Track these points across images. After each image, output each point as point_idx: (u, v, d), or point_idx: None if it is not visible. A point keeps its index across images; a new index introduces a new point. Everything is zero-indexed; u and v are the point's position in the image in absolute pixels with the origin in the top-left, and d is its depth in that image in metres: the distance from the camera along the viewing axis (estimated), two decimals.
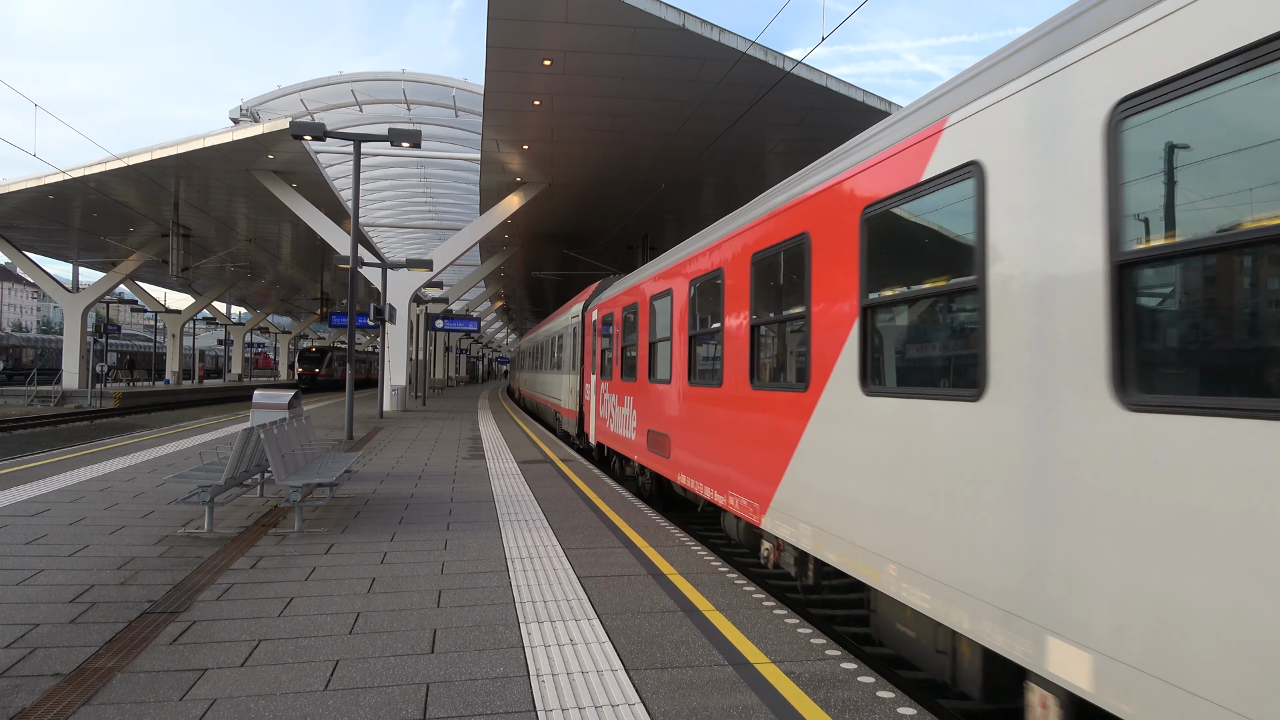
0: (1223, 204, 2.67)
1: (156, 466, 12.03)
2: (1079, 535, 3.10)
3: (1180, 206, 2.81)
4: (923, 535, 4.17)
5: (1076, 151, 3.26)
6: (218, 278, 53.89)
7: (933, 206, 4.30)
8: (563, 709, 3.79)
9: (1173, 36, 2.79)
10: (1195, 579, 2.61)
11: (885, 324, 4.80)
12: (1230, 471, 2.52)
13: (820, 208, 5.51)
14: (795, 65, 17.22)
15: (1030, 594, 3.35)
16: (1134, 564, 2.85)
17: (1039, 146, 3.49)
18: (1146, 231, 2.94)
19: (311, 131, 15.95)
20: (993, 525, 3.64)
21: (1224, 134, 2.64)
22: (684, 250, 9.25)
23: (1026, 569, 3.40)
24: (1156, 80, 2.84)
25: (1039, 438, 3.38)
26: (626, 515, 8.95)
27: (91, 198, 32.13)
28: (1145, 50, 2.91)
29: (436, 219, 46.92)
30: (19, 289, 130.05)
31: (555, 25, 15.89)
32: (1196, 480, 2.62)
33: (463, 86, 28.14)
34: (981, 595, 3.68)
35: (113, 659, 4.29)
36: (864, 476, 4.79)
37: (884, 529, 4.55)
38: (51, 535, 7.24)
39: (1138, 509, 2.84)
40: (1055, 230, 3.37)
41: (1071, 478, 3.17)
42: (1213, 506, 2.57)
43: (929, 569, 4.10)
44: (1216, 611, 2.54)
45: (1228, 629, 2.50)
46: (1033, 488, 3.40)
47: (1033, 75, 3.57)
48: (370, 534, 7.68)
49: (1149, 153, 2.91)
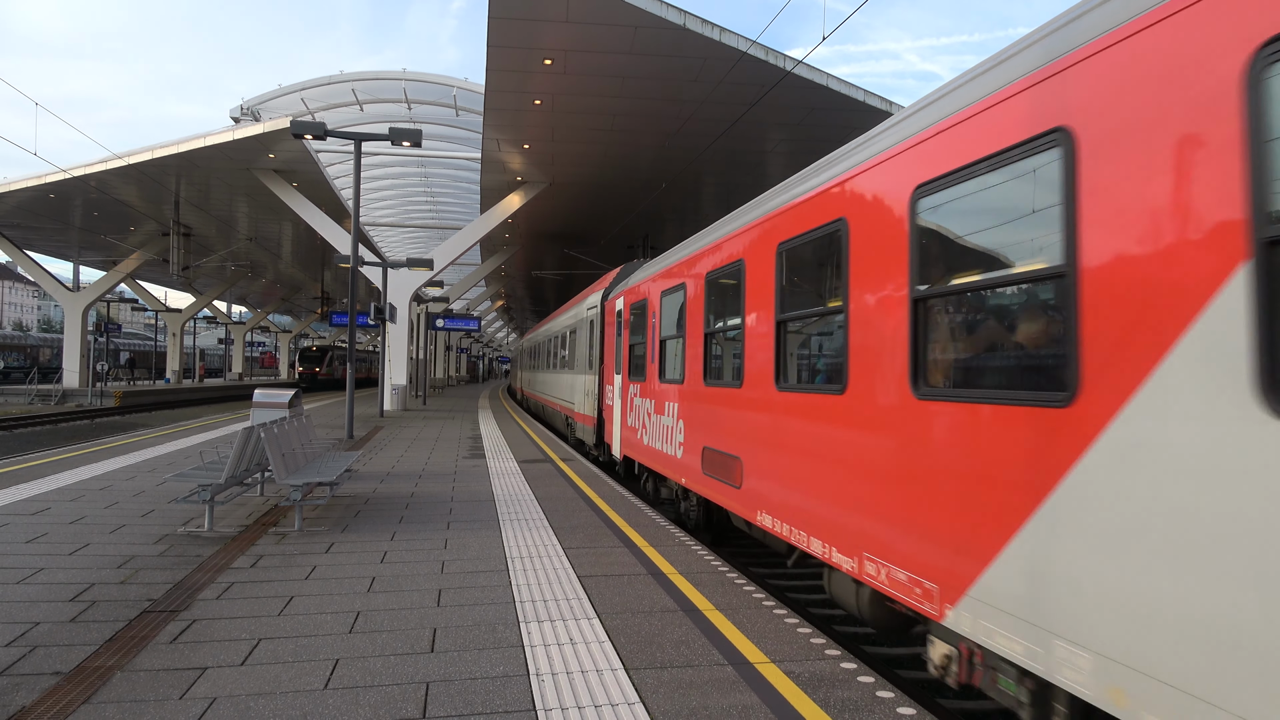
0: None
1: (157, 465, 12.03)
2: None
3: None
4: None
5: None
6: (218, 277, 53.92)
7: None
8: (562, 708, 3.79)
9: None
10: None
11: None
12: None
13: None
14: (796, 65, 17.22)
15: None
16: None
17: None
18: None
19: (312, 131, 15.95)
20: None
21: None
22: (769, 202, 6.71)
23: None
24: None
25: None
26: (627, 515, 8.95)
27: (92, 196, 32.14)
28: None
29: (437, 218, 46.94)
30: (20, 287, 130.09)
31: (556, 24, 15.90)
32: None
33: (463, 86, 28.15)
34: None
35: (113, 658, 4.30)
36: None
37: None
38: (52, 534, 7.24)
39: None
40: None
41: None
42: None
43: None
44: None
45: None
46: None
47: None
48: (370, 533, 7.68)
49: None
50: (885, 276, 4.64)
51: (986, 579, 3.69)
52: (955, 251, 4.19)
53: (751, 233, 6.89)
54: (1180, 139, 2.86)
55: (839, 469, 5.10)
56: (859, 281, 4.94)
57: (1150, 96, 2.96)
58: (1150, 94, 2.96)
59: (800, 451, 5.74)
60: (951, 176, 4.00)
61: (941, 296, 4.18)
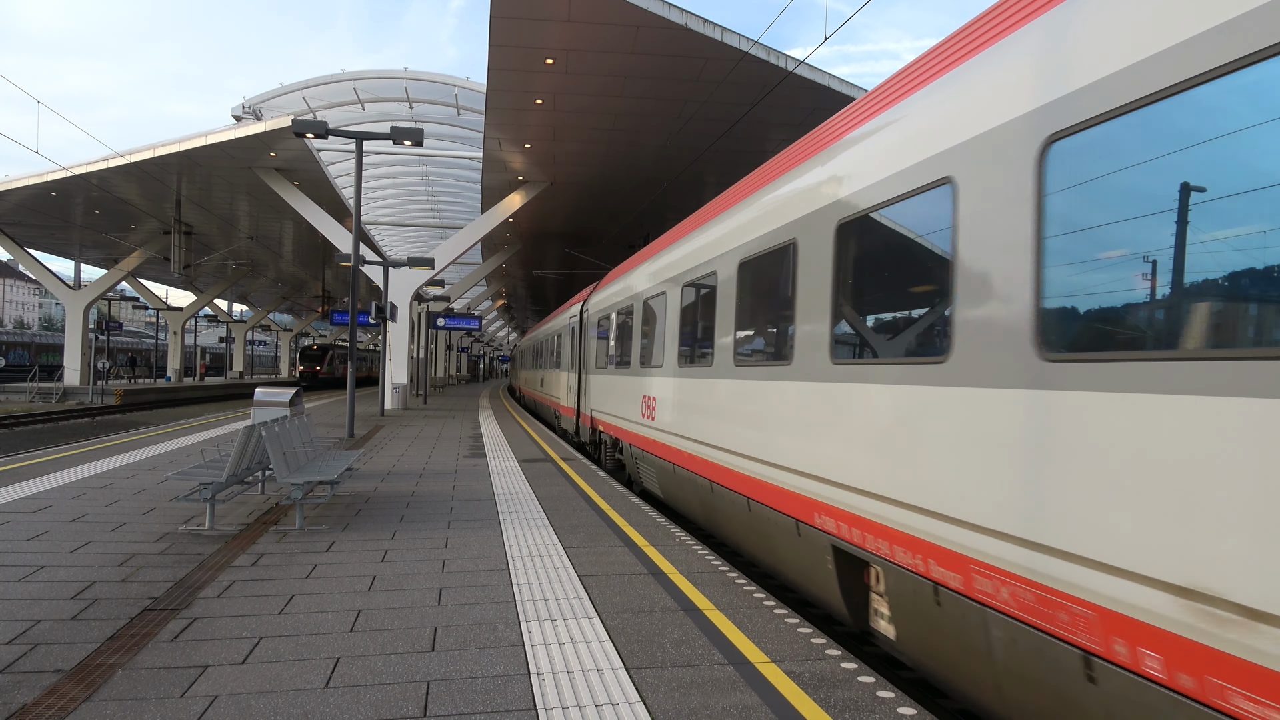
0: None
1: (158, 464, 12.04)
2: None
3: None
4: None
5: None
6: (219, 275, 53.97)
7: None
8: (563, 707, 3.79)
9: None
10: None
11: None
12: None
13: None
14: (797, 65, 17.22)
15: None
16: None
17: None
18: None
19: (313, 129, 15.95)
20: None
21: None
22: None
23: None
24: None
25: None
26: (627, 514, 8.95)
27: (93, 195, 32.17)
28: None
29: (438, 217, 46.97)
30: (21, 285, 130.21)
31: (558, 24, 15.90)
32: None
33: (465, 85, 28.16)
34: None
35: (114, 656, 4.30)
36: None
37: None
38: (53, 532, 7.25)
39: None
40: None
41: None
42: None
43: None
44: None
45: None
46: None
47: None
48: (371, 532, 7.69)
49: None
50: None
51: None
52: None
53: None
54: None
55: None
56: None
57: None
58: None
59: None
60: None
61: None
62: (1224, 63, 2.62)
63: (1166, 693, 2.71)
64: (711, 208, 8.77)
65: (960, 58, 4.23)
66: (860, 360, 4.93)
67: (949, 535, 3.83)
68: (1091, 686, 3.04)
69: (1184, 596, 2.63)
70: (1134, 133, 2.99)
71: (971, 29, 4.28)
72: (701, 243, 8.61)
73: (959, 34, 4.43)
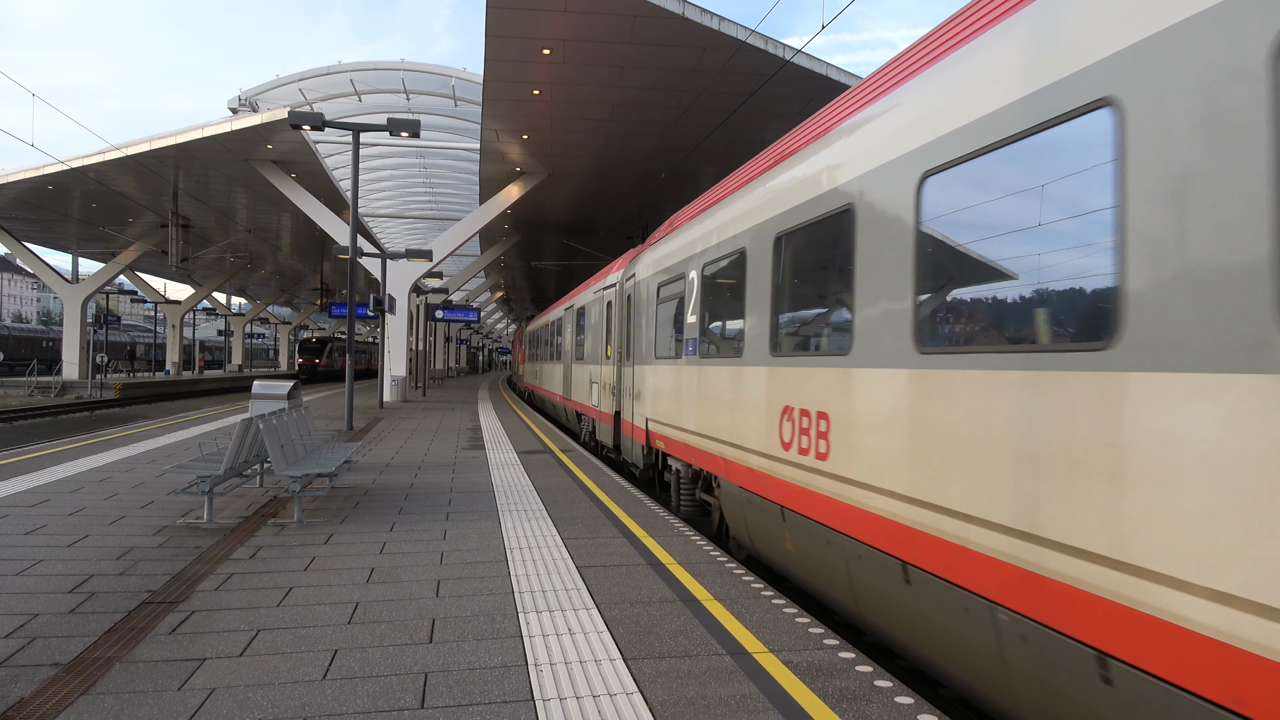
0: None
1: (156, 457, 12.04)
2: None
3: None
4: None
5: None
6: (217, 268, 53.85)
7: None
8: (560, 698, 3.80)
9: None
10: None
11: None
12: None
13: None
14: (795, 54, 17.15)
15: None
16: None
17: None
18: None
19: (310, 121, 15.87)
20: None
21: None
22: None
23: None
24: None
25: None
26: (626, 505, 8.95)
27: (90, 188, 32.06)
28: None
29: (436, 209, 46.85)
30: (18, 279, 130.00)
31: (555, 14, 15.82)
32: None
33: (462, 76, 28.02)
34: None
35: (111, 649, 4.30)
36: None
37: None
38: (51, 525, 7.24)
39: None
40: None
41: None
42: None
43: None
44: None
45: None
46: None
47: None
48: (370, 524, 7.69)
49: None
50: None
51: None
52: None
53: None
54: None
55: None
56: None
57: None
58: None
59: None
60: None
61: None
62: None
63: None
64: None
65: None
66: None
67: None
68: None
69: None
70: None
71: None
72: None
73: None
